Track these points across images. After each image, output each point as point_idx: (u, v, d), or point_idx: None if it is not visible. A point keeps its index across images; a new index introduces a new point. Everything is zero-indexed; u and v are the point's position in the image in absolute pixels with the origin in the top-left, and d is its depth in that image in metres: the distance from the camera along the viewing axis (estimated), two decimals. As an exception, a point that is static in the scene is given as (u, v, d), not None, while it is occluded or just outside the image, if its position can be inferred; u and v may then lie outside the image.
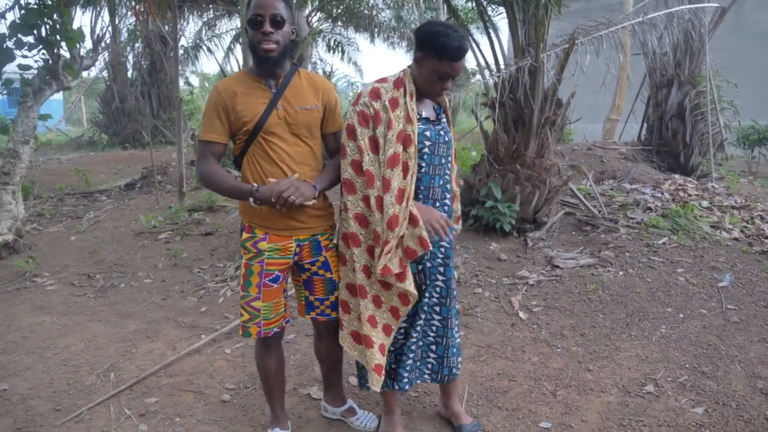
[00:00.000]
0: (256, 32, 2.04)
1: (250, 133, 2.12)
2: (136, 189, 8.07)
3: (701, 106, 7.03)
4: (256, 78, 2.15)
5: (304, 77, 2.22)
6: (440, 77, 2.11)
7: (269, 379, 2.39)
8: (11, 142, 5.39)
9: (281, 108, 2.12)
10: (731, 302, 3.86)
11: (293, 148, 2.15)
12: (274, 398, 2.44)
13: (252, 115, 2.10)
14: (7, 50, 5.31)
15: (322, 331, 2.46)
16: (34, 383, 3.02)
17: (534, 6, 4.44)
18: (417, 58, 2.14)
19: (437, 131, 2.23)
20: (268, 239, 2.18)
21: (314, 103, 2.19)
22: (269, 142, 2.12)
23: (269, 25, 2.02)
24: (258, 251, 2.18)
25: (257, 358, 2.37)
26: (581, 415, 2.69)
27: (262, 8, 2.02)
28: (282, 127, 2.12)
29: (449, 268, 2.35)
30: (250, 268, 2.20)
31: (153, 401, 2.84)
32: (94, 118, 16.24)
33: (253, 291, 2.20)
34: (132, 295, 4.30)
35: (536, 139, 4.92)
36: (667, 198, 5.78)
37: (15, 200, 5.33)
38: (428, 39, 2.08)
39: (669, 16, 6.30)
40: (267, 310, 2.22)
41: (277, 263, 2.21)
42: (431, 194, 2.25)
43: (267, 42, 2.02)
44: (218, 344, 3.45)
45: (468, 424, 2.52)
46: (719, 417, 2.66)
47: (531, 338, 3.47)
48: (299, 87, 2.18)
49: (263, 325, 2.24)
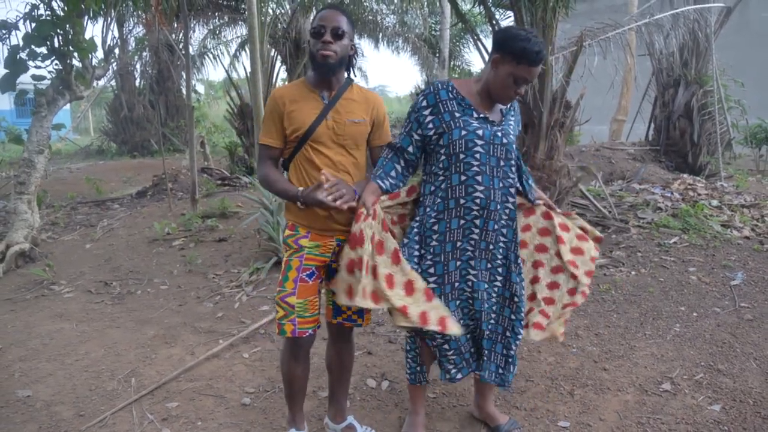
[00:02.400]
0: (317, 41, 2.16)
1: (300, 139, 2.22)
2: (148, 197, 8.14)
3: (708, 105, 7.05)
4: (312, 88, 2.25)
5: (356, 91, 2.31)
6: (516, 81, 2.13)
7: (293, 384, 2.40)
8: (26, 151, 5.47)
9: (330, 119, 2.22)
10: (744, 300, 3.87)
11: (337, 157, 2.24)
12: (295, 402, 2.46)
13: (303, 123, 2.20)
14: (20, 61, 5.41)
15: (338, 338, 2.49)
16: (56, 389, 3.06)
17: (542, 9, 4.48)
18: (494, 60, 2.15)
19: (493, 132, 2.20)
20: (310, 237, 2.26)
21: (363, 116, 2.28)
22: (315, 150, 2.22)
23: (329, 35, 2.14)
24: (299, 247, 2.26)
25: (284, 363, 2.37)
26: (599, 414, 2.71)
27: (325, 20, 2.15)
28: (329, 136, 2.22)
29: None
30: (289, 264, 2.26)
31: (174, 405, 2.88)
32: (103, 127, 16.38)
33: (289, 286, 2.24)
34: (149, 301, 4.35)
35: (546, 141, 4.96)
36: (677, 197, 5.80)
37: (30, 209, 5.40)
38: (509, 42, 2.11)
39: (675, 16, 6.33)
40: (301, 307, 2.24)
41: (316, 259, 2.27)
42: (492, 196, 2.22)
43: (325, 49, 2.14)
44: (236, 349, 3.49)
45: (505, 423, 2.55)
46: (737, 414, 2.68)
47: (546, 338, 3.49)
48: (350, 100, 2.28)
49: (298, 323, 2.24)
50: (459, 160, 2.18)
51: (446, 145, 2.19)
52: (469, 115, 2.20)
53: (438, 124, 2.20)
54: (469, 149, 2.17)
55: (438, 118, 2.20)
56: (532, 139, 4.93)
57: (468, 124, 2.18)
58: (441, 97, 2.21)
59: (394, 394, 2.93)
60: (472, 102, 2.22)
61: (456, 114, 2.19)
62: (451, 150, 2.18)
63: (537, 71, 2.14)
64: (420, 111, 2.23)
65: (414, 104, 2.28)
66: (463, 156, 2.17)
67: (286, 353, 2.36)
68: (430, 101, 2.22)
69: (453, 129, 2.17)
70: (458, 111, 2.19)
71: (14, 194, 5.49)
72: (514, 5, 4.71)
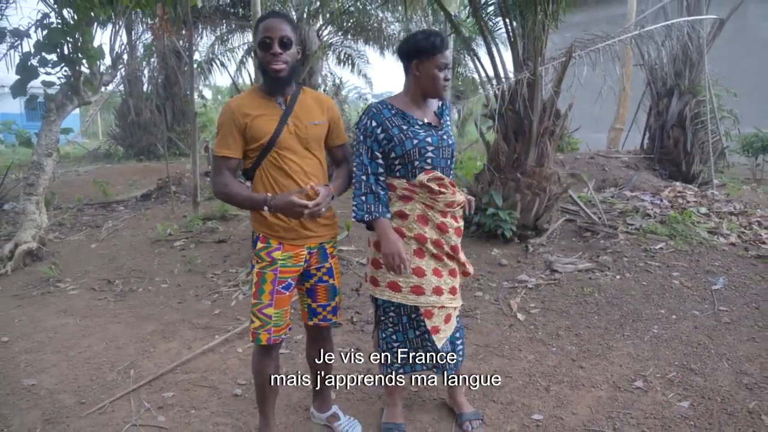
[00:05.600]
0: (266, 53, 2.18)
1: (264, 148, 2.24)
2: (152, 199, 8.34)
3: (701, 115, 7.18)
4: (266, 96, 2.29)
5: (308, 94, 2.38)
6: (440, 69, 2.34)
7: (266, 385, 2.43)
8: (35, 154, 5.68)
9: (292, 124, 2.26)
10: (723, 304, 3.99)
11: (304, 161, 2.29)
12: (268, 405, 2.48)
13: (266, 131, 2.23)
14: (31, 68, 5.63)
15: (317, 337, 2.59)
16: (59, 379, 3.23)
17: (531, 21, 4.64)
18: (414, 65, 2.36)
19: (439, 136, 2.42)
20: (282, 249, 2.29)
21: (321, 118, 2.35)
22: (282, 156, 2.25)
23: (278, 46, 2.17)
24: (272, 260, 2.29)
25: (256, 364, 2.42)
26: (572, 409, 2.85)
27: (271, 31, 2.17)
28: (294, 141, 2.27)
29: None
30: (263, 277, 2.29)
31: (170, 395, 3.04)
32: (110, 131, 16.63)
33: (266, 298, 2.29)
34: (150, 299, 4.53)
35: (536, 148, 5.11)
36: (666, 205, 5.92)
37: (38, 210, 5.60)
38: (417, 45, 2.35)
39: (668, 28, 6.48)
40: (278, 317, 2.33)
41: (290, 271, 2.33)
42: None
43: (276, 62, 2.18)
44: (231, 344, 3.65)
45: (469, 412, 2.71)
46: (704, 410, 2.80)
47: (528, 338, 3.64)
48: (306, 103, 2.33)
49: (273, 331, 2.31)
50: (414, 166, 2.38)
51: (400, 156, 2.37)
52: (415, 125, 2.39)
53: (390, 139, 2.37)
54: (422, 156, 2.37)
55: (388, 134, 2.37)
56: (523, 146, 5.09)
57: (417, 134, 2.37)
58: (385, 116, 2.39)
59: (378, 387, 3.08)
60: (413, 113, 2.41)
61: (403, 127, 2.38)
62: (406, 159, 2.37)
63: (450, 54, 2.35)
64: (373, 132, 2.38)
65: (364, 129, 2.39)
66: (418, 162, 2.37)
67: (259, 355, 2.41)
68: (378, 120, 2.38)
69: (405, 140, 2.36)
70: (404, 124, 2.38)
71: (23, 195, 5.70)
72: (504, 16, 4.88)
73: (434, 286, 2.45)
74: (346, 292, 4.38)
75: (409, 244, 2.42)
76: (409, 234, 2.42)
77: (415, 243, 2.42)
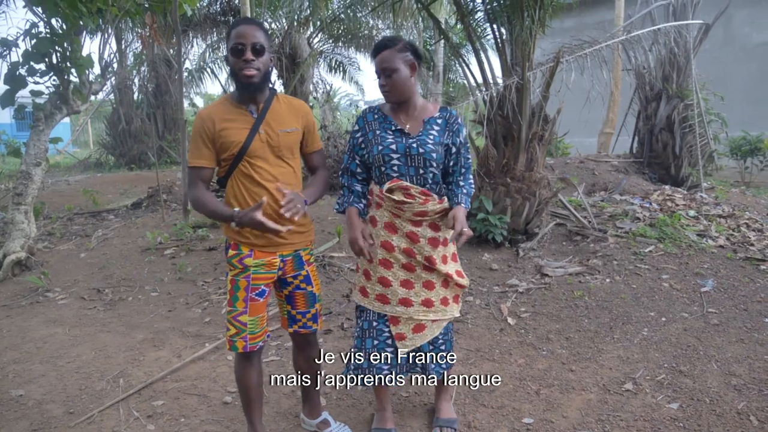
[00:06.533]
0: (238, 60, 2.16)
1: (235, 157, 2.23)
2: (143, 208, 8.31)
3: (689, 118, 7.24)
4: (238, 104, 2.27)
5: (282, 101, 2.36)
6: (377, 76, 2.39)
7: (249, 392, 2.42)
8: (24, 164, 5.65)
9: (263, 132, 2.25)
10: (712, 306, 4.02)
11: (276, 169, 2.27)
12: (254, 412, 2.47)
13: (236, 140, 2.21)
14: (20, 77, 5.61)
15: (302, 345, 2.58)
16: (48, 389, 3.21)
17: (519, 27, 4.68)
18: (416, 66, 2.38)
19: (408, 144, 2.38)
20: (254, 255, 2.28)
21: (294, 125, 2.33)
22: (253, 165, 2.24)
23: (250, 53, 2.15)
24: (244, 267, 2.28)
25: (238, 372, 2.42)
26: (562, 412, 2.86)
27: (243, 37, 2.15)
28: (265, 150, 2.25)
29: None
30: (237, 284, 2.29)
31: (160, 404, 3.03)
32: (101, 140, 16.59)
33: (240, 305, 2.29)
34: (139, 307, 4.50)
35: (525, 153, 5.13)
36: (656, 208, 5.96)
37: (27, 219, 5.57)
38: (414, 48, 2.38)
39: (655, 33, 6.54)
40: (253, 324, 2.32)
41: (263, 278, 2.32)
42: None
43: (248, 69, 2.15)
44: (221, 352, 3.64)
45: (444, 418, 2.71)
46: (693, 411, 2.82)
47: (518, 342, 3.64)
48: (279, 111, 2.31)
49: (249, 339, 2.31)
50: (382, 172, 2.42)
51: (372, 161, 2.43)
52: (387, 131, 2.41)
53: (366, 143, 2.45)
54: (386, 162, 2.39)
55: (365, 138, 2.45)
56: (512, 151, 5.11)
57: (383, 140, 2.40)
58: (368, 119, 2.48)
59: (369, 393, 3.07)
60: (395, 119, 2.44)
61: (377, 132, 2.42)
62: (376, 164, 2.42)
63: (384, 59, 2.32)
64: (354, 135, 2.51)
65: (352, 130, 2.55)
66: (384, 168, 2.40)
67: (239, 362, 2.41)
68: (360, 124, 2.51)
69: (373, 146, 2.41)
70: (379, 129, 2.43)
71: (12, 205, 5.67)
72: (493, 22, 4.91)
73: (401, 297, 2.45)
74: (337, 298, 4.37)
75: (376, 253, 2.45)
76: (376, 240, 2.45)
77: (382, 251, 2.44)
